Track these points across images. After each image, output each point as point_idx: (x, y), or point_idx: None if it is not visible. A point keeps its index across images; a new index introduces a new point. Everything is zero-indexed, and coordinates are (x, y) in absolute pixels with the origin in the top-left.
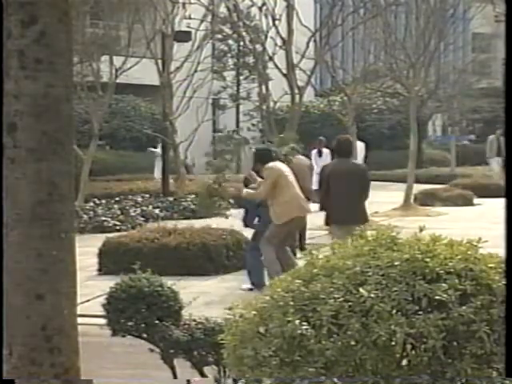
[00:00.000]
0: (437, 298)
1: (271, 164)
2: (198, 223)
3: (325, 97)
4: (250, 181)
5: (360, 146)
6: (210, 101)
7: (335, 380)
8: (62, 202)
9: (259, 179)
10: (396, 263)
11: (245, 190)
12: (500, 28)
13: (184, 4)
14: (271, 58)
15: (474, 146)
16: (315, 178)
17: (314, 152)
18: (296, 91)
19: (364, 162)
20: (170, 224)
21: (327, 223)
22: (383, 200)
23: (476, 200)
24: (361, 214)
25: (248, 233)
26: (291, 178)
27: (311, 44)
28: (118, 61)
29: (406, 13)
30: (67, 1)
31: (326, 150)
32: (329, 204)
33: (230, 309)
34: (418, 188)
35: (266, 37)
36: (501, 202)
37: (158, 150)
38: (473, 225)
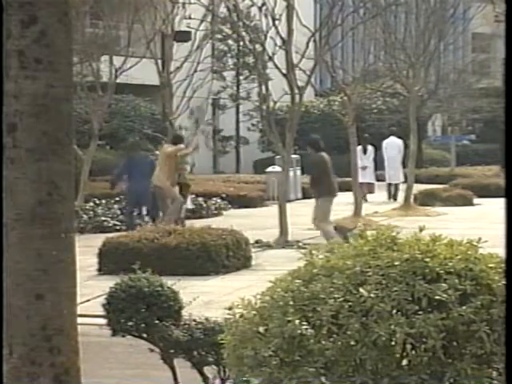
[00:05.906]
0: (437, 297)
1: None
2: (198, 223)
3: (325, 97)
4: None
5: (398, 144)
6: (209, 101)
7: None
8: (61, 202)
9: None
10: (396, 263)
11: None
12: (500, 28)
13: (184, 4)
14: (271, 58)
15: (474, 146)
16: (359, 172)
17: (359, 148)
18: (296, 91)
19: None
20: None
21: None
22: (383, 200)
23: (476, 200)
24: None
25: None
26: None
27: (311, 44)
28: (118, 61)
29: (406, 13)
30: (67, 1)
31: (370, 147)
32: None
33: (229, 309)
34: (418, 188)
35: (266, 37)
36: (501, 202)
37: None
38: (473, 225)
